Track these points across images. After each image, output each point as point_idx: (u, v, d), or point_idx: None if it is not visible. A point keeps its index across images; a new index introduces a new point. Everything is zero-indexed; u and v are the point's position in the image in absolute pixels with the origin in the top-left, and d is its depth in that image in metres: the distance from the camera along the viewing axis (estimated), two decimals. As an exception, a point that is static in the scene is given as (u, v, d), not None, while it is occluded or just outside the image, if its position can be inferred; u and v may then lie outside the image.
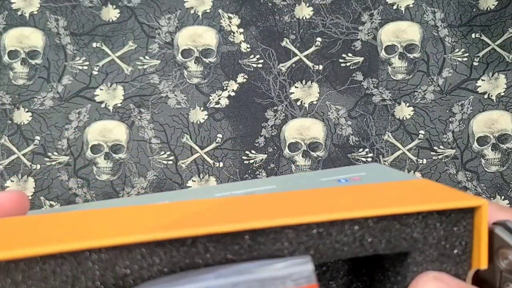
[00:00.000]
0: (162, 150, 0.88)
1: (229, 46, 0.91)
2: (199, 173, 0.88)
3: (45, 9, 0.93)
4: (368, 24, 0.91)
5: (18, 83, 0.91)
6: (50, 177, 0.88)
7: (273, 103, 0.89)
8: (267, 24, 0.92)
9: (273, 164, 0.87)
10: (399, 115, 0.88)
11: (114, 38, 0.92)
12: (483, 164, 0.86)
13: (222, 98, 0.90)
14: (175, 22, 0.92)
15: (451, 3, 0.91)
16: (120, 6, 0.93)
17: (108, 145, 0.88)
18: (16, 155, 0.88)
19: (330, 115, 0.89)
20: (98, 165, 0.88)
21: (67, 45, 0.92)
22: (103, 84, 0.90)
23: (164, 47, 0.91)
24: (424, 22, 0.90)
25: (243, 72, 0.91)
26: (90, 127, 0.89)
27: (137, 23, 0.92)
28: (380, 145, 0.87)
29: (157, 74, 0.91)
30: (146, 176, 0.88)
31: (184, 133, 0.89)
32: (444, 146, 0.87)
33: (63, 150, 0.88)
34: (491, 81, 0.88)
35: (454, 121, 0.87)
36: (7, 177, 0.88)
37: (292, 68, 0.90)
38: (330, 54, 0.90)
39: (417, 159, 0.86)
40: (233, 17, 0.92)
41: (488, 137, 0.86)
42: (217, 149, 0.88)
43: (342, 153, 0.87)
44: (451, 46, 0.89)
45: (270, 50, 0.91)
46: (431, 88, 0.88)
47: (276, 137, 0.88)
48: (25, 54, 0.91)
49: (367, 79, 0.89)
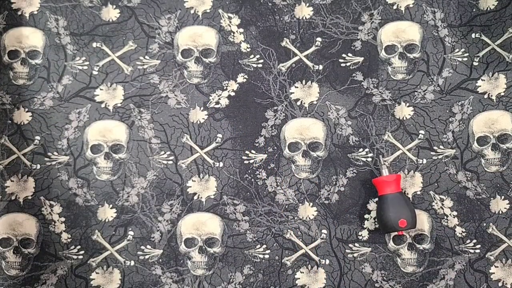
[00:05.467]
0: (162, 150, 0.88)
1: (229, 46, 0.91)
2: (199, 173, 0.88)
3: (45, 9, 0.93)
4: (368, 24, 0.91)
5: (18, 83, 0.91)
6: (50, 177, 0.88)
7: (273, 103, 0.89)
8: (267, 24, 0.92)
9: (273, 164, 0.87)
10: (399, 115, 0.88)
11: (114, 38, 0.92)
12: (483, 164, 0.86)
13: (222, 98, 0.90)
14: (175, 22, 0.92)
15: (451, 3, 0.91)
16: (120, 6, 0.93)
17: (108, 145, 0.88)
18: (16, 155, 0.88)
19: (330, 115, 0.89)
20: (98, 165, 0.88)
21: (67, 45, 0.92)
22: (103, 84, 0.90)
23: (164, 47, 0.91)
24: (424, 22, 0.90)
25: (243, 72, 0.91)
26: (90, 127, 0.89)
27: (137, 23, 0.92)
28: (380, 145, 0.87)
29: (157, 74, 0.91)
30: (146, 176, 0.88)
31: (184, 133, 0.89)
32: (444, 146, 0.87)
33: (63, 150, 0.88)
34: (491, 81, 0.88)
35: (454, 121, 0.87)
36: (7, 177, 0.88)
37: (292, 68, 0.90)
38: (330, 54, 0.90)
39: (417, 159, 0.86)
40: (233, 17, 0.92)
41: (488, 137, 0.86)
42: (217, 149, 0.88)
43: (342, 153, 0.87)
44: (451, 46, 0.90)
45: (270, 50, 0.91)
46: (431, 88, 0.89)
47: (276, 137, 0.88)
48: (25, 54, 0.91)
49: (367, 79, 0.89)
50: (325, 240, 0.85)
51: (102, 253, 0.86)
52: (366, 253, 0.85)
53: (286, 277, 0.85)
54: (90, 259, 0.86)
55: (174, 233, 0.86)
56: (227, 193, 0.87)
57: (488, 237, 0.84)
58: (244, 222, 0.86)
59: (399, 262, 0.84)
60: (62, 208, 0.87)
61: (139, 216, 0.87)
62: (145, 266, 0.85)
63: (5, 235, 0.86)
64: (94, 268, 0.85)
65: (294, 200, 0.86)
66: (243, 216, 0.86)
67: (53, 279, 0.85)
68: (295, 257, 0.85)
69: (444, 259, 0.84)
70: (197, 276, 0.85)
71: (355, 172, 0.87)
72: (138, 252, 0.86)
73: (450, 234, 0.84)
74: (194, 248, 0.85)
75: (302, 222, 0.86)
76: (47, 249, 0.86)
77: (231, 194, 0.87)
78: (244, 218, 0.86)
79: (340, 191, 0.86)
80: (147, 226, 0.86)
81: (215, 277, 0.85)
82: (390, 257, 0.84)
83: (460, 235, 0.84)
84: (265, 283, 0.84)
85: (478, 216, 0.85)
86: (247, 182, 0.87)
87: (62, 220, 0.87)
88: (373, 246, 0.85)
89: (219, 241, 0.85)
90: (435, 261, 0.84)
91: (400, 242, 0.85)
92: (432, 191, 0.86)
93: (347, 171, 0.87)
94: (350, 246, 0.85)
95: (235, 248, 0.85)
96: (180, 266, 0.85)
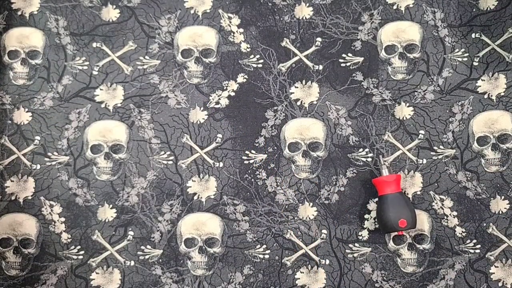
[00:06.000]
0: (162, 150, 0.88)
1: (229, 46, 0.91)
2: (199, 173, 0.88)
3: (45, 9, 0.93)
4: (368, 24, 0.91)
5: (18, 83, 0.91)
6: (50, 177, 0.88)
7: (273, 103, 0.89)
8: (267, 24, 0.92)
9: (273, 164, 0.87)
10: (399, 115, 0.88)
11: (114, 38, 0.92)
12: (483, 164, 0.86)
13: (222, 98, 0.90)
14: (175, 22, 0.92)
15: (451, 3, 0.91)
16: (120, 6, 0.93)
17: (108, 145, 0.88)
18: (16, 155, 0.88)
19: (330, 115, 0.89)
20: (98, 165, 0.88)
21: (67, 45, 0.92)
22: (103, 84, 0.90)
23: (164, 47, 0.91)
24: (424, 22, 0.90)
25: (243, 72, 0.91)
26: (90, 127, 0.89)
27: (137, 23, 0.92)
28: (380, 145, 0.87)
29: (157, 74, 0.91)
30: (146, 176, 0.88)
31: (184, 133, 0.89)
32: (444, 146, 0.87)
33: (63, 150, 0.88)
34: (491, 81, 0.88)
35: (454, 121, 0.87)
36: (7, 177, 0.88)
37: (292, 68, 0.90)
38: (330, 54, 0.90)
39: (417, 159, 0.86)
40: (233, 17, 0.92)
41: (488, 137, 0.86)
42: (217, 149, 0.88)
43: (342, 153, 0.87)
44: (451, 46, 0.89)
45: (270, 50, 0.91)
46: (431, 88, 0.88)
47: (276, 137, 0.88)
48: (25, 54, 0.91)
49: (367, 79, 0.89)
50: (325, 240, 0.85)
51: (102, 253, 0.86)
52: (366, 253, 0.85)
53: (286, 277, 0.85)
54: (90, 259, 0.86)
55: (174, 233, 0.86)
56: (227, 193, 0.87)
57: (488, 237, 0.84)
58: (244, 222, 0.86)
59: (399, 262, 0.84)
60: (62, 208, 0.87)
61: (139, 216, 0.87)
62: (145, 266, 0.85)
63: (5, 235, 0.86)
64: (94, 268, 0.85)
65: (294, 200, 0.86)
66: (243, 216, 0.86)
67: (53, 279, 0.85)
68: (295, 257, 0.85)
69: (444, 259, 0.84)
70: (197, 276, 0.85)
71: (355, 172, 0.87)
72: (138, 252, 0.86)
73: (450, 234, 0.84)
74: (194, 248, 0.85)
75: (302, 222, 0.86)
76: (47, 249, 0.86)
77: (231, 194, 0.87)
78: (244, 218, 0.86)
79: (340, 191, 0.86)
80: (147, 226, 0.86)
81: (215, 277, 0.85)
82: (390, 257, 0.84)
83: (460, 235, 0.84)
84: (265, 283, 0.84)
85: (478, 216, 0.85)
86: (247, 182, 0.87)
87: (62, 220, 0.87)
88: (373, 246, 0.85)
89: (219, 241, 0.85)
90: (435, 261, 0.84)
91: (400, 242, 0.85)
92: (432, 191, 0.86)
93: (347, 171, 0.87)
94: (350, 246, 0.85)
95: (235, 248, 0.85)
96: (180, 266, 0.85)
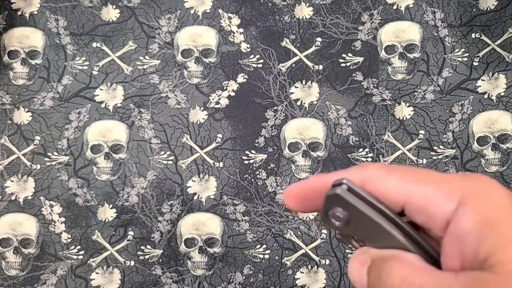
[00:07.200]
0: (162, 150, 0.88)
1: (229, 46, 0.91)
2: (199, 173, 0.88)
3: (45, 9, 0.93)
4: (368, 24, 0.91)
5: (18, 83, 0.91)
6: (50, 177, 0.88)
7: (273, 103, 0.89)
8: (267, 24, 0.92)
9: (273, 164, 0.87)
10: (399, 115, 0.88)
11: (114, 38, 0.92)
12: (483, 164, 0.86)
13: (222, 98, 0.90)
14: (175, 22, 0.92)
15: (451, 3, 0.91)
16: (120, 6, 0.93)
17: (108, 145, 0.88)
18: (16, 155, 0.88)
19: (330, 115, 0.89)
20: (98, 165, 0.88)
21: (67, 45, 0.92)
22: (103, 84, 0.90)
23: (164, 47, 0.91)
24: (424, 22, 0.90)
25: (243, 72, 0.91)
26: (90, 127, 0.89)
27: (137, 23, 0.92)
28: (380, 145, 0.87)
29: (157, 74, 0.91)
30: (146, 176, 0.88)
31: (184, 133, 0.89)
32: (444, 146, 0.87)
33: (63, 150, 0.88)
34: (491, 81, 0.88)
35: (454, 121, 0.87)
36: (7, 177, 0.88)
37: (292, 68, 0.90)
38: (330, 54, 0.90)
39: (417, 159, 0.86)
40: (233, 17, 0.92)
41: (488, 137, 0.86)
42: (217, 149, 0.88)
43: (342, 153, 0.87)
44: (451, 46, 0.90)
45: (270, 50, 0.91)
46: (431, 88, 0.89)
47: (276, 137, 0.88)
48: (25, 54, 0.91)
49: (367, 79, 0.89)
50: (325, 240, 0.85)
51: (102, 253, 0.86)
52: (366, 253, 0.84)
53: (286, 277, 0.85)
54: (90, 259, 0.86)
55: (174, 233, 0.86)
56: (227, 193, 0.87)
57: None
58: (244, 222, 0.86)
59: (399, 262, 0.84)
60: (62, 208, 0.87)
61: (139, 216, 0.87)
62: (145, 266, 0.85)
63: (5, 235, 0.86)
64: (94, 268, 0.85)
65: (294, 200, 0.86)
66: (243, 216, 0.86)
67: (53, 279, 0.85)
68: (295, 257, 0.85)
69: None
70: (197, 276, 0.85)
71: (355, 172, 0.87)
72: (138, 252, 0.86)
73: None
74: (194, 248, 0.85)
75: (302, 222, 0.86)
76: (47, 249, 0.86)
77: (231, 194, 0.87)
78: (244, 218, 0.86)
79: (340, 191, 0.86)
80: (147, 226, 0.86)
81: (215, 277, 0.85)
82: (390, 257, 0.84)
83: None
84: (265, 283, 0.84)
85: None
86: (247, 182, 0.87)
87: (62, 220, 0.87)
88: (373, 246, 0.85)
89: (219, 241, 0.85)
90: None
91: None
92: (432, 191, 0.86)
93: (347, 171, 0.87)
94: (350, 246, 0.85)
95: (235, 248, 0.85)
96: (180, 266, 0.85)
